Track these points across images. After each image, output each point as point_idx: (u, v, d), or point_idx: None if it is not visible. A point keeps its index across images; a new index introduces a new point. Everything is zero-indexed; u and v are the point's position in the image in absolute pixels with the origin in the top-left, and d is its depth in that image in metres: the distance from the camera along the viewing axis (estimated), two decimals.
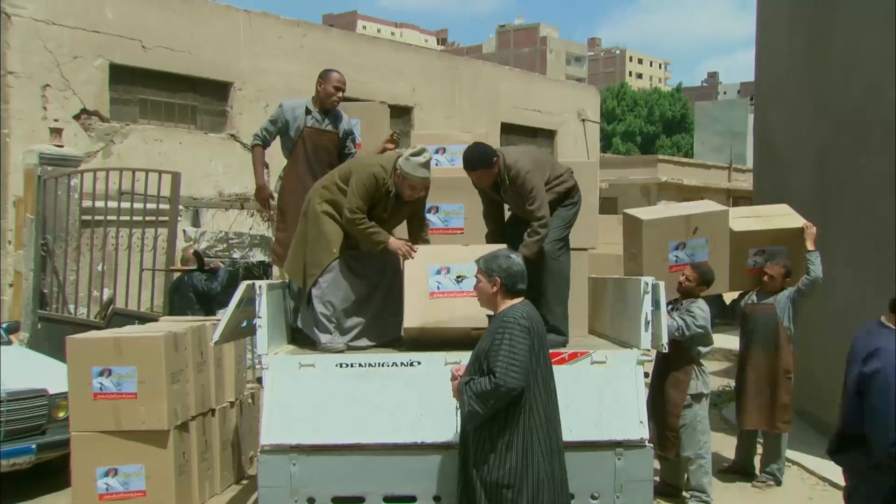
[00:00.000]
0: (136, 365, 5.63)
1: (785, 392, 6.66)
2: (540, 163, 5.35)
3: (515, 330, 3.86)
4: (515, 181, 5.18)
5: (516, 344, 3.84)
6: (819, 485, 6.83)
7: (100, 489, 5.66)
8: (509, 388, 3.79)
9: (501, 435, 3.90)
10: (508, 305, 4.04)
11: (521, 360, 3.82)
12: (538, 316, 4.11)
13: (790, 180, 9.32)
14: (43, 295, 9.00)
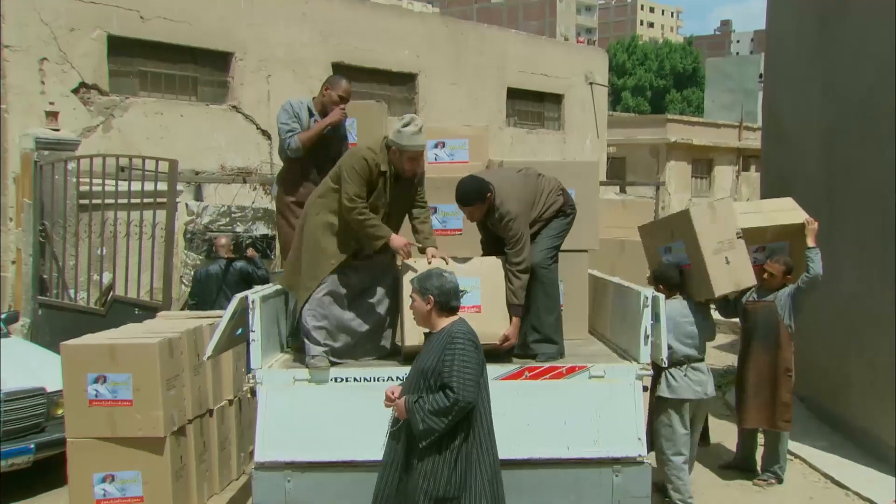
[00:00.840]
0: (131, 372, 5.57)
1: (785, 390, 6.57)
2: (527, 201, 5.23)
3: (466, 345, 3.93)
4: (500, 222, 5.13)
5: (468, 358, 3.90)
6: (821, 482, 6.80)
7: (97, 495, 5.65)
8: (467, 401, 3.85)
9: (450, 448, 3.94)
10: (448, 322, 4.06)
11: (473, 374, 3.90)
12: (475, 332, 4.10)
13: (797, 163, 9.14)
14: (42, 280, 8.96)
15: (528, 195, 5.26)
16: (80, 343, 5.74)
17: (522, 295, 5.10)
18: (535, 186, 5.34)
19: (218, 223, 13.17)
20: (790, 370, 6.59)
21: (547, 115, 19.73)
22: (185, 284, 12.59)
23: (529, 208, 5.22)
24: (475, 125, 6.86)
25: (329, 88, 5.66)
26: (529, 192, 5.28)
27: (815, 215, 8.46)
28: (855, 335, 7.66)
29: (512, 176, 5.34)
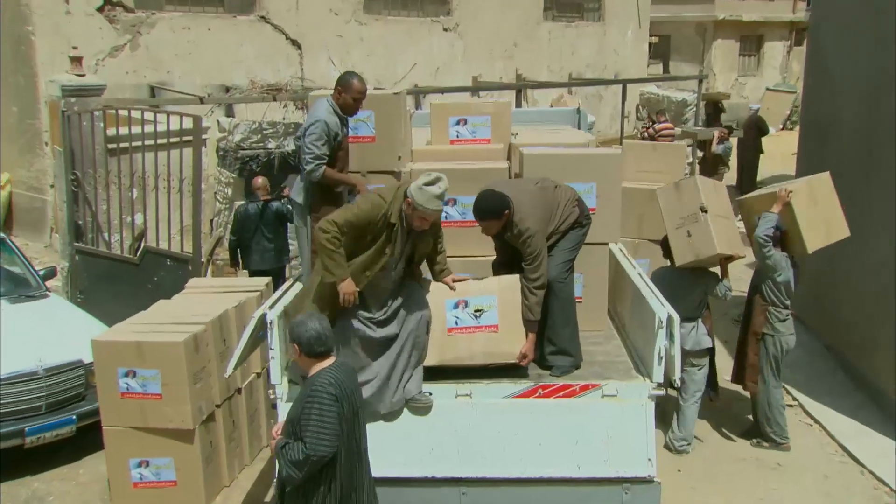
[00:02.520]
0: (159, 368, 5.76)
1: (752, 352, 6.88)
2: (545, 217, 5.16)
3: (324, 398, 3.98)
4: (519, 239, 5.06)
5: (325, 412, 3.96)
6: (837, 454, 6.91)
7: (133, 478, 5.97)
8: (320, 456, 3.97)
9: (315, 495, 4.11)
10: (318, 369, 4.13)
11: (330, 428, 3.97)
12: (348, 376, 4.17)
13: (838, 109, 8.78)
14: (78, 226, 9.11)
15: (546, 211, 5.18)
16: (109, 339, 5.92)
17: (538, 311, 5.11)
18: (552, 200, 5.25)
19: (250, 140, 13.10)
20: (758, 334, 6.82)
21: (587, 5, 18.95)
22: (219, 208, 12.74)
23: (546, 224, 5.16)
24: (498, 100, 6.66)
25: (343, 91, 5.49)
26: (547, 206, 5.20)
27: (850, 166, 8.26)
28: (885, 298, 7.54)
29: (530, 190, 5.23)
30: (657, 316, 4.97)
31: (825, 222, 6.75)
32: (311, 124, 5.40)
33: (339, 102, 5.52)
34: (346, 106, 5.52)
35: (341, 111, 5.54)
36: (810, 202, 6.76)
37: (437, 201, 4.84)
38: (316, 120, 5.39)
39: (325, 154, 5.41)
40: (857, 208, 8.13)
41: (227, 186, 13.04)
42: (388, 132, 5.95)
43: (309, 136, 5.39)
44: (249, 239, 9.36)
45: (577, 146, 6.33)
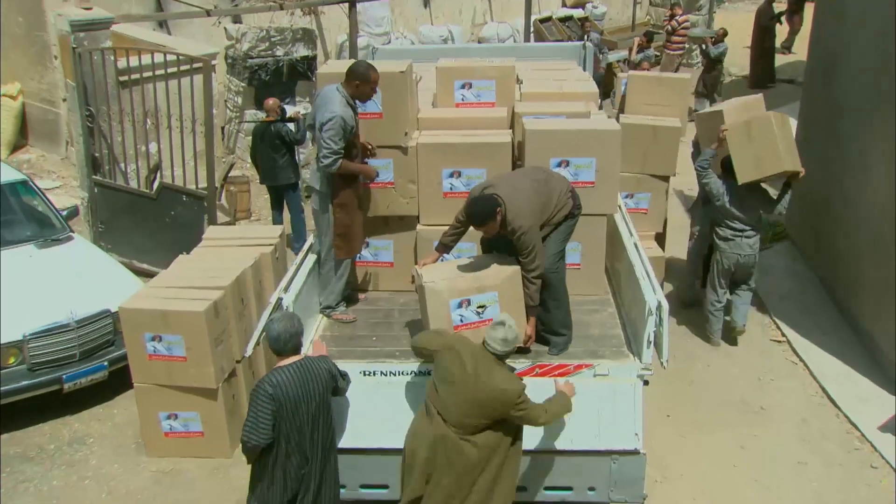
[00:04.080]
0: (182, 334, 6.18)
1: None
2: (538, 211, 5.34)
3: (260, 395, 4.53)
4: (513, 235, 5.27)
5: (259, 408, 4.52)
6: (817, 396, 7.37)
7: (164, 429, 6.52)
8: (250, 445, 4.59)
9: (262, 475, 4.71)
10: (277, 365, 4.68)
11: (260, 422, 4.52)
12: (299, 378, 4.62)
13: (849, 39, 8.74)
14: (95, 159, 9.36)
15: (539, 205, 5.36)
16: (136, 307, 6.30)
17: (538, 297, 5.41)
18: (545, 193, 5.41)
19: (258, 49, 13.13)
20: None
21: None
22: (230, 116, 12.89)
23: (540, 217, 5.36)
24: (503, 64, 6.75)
25: (360, 84, 5.61)
26: (540, 200, 5.37)
27: (854, 104, 8.33)
28: (877, 240, 7.78)
29: (523, 186, 5.37)
30: (647, 304, 5.29)
31: (757, 158, 7.47)
32: (329, 120, 5.53)
33: (355, 92, 5.66)
34: (363, 95, 5.68)
35: (358, 100, 5.70)
36: (745, 140, 7.56)
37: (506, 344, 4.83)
38: (333, 116, 5.53)
39: (343, 149, 5.62)
40: (859, 145, 8.30)
41: (237, 95, 13.19)
42: (395, 108, 6.10)
43: (327, 131, 5.54)
44: (259, 156, 9.98)
45: (578, 116, 6.46)
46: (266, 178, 10.03)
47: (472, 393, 4.68)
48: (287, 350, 4.72)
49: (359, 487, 5.52)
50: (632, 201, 8.67)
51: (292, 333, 4.71)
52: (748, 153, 7.55)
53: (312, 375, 4.71)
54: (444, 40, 15.04)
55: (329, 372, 4.83)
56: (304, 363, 4.72)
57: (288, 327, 4.71)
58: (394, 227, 6.48)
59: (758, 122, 7.58)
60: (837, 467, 6.43)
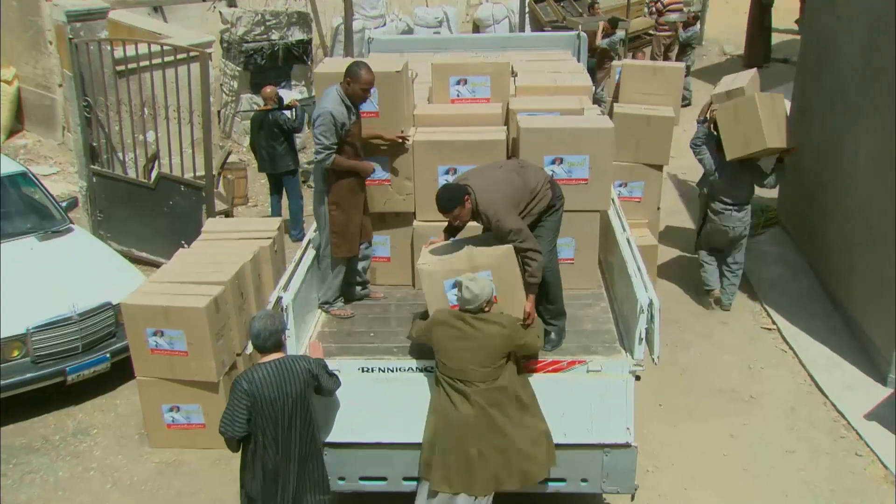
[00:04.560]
0: (184, 329, 6.30)
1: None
2: (513, 196, 5.38)
3: (237, 389, 4.74)
4: (491, 223, 5.35)
5: (234, 401, 4.73)
6: (805, 384, 7.52)
7: (166, 421, 6.66)
8: (227, 436, 4.82)
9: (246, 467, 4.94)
10: (257, 363, 4.85)
11: (235, 415, 4.73)
12: (277, 376, 4.78)
13: (839, 32, 8.80)
14: (93, 149, 9.42)
15: (511, 191, 5.40)
16: (137, 303, 6.41)
17: (540, 273, 5.44)
18: (520, 182, 5.46)
19: (253, 33, 13.15)
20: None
21: None
22: (226, 100, 12.92)
23: (514, 203, 5.39)
24: (496, 60, 6.82)
25: (352, 82, 5.68)
26: (513, 187, 5.42)
27: (847, 92, 8.42)
28: (865, 231, 7.90)
29: (494, 175, 5.45)
30: (639, 302, 5.42)
31: (744, 136, 8.01)
32: (319, 116, 5.63)
33: (347, 92, 5.72)
34: (354, 95, 5.71)
35: (350, 100, 5.75)
36: (732, 119, 8.08)
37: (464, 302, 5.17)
38: (322, 112, 5.62)
39: (334, 143, 5.69)
40: (850, 138, 8.40)
41: (232, 79, 13.22)
42: (391, 108, 6.19)
43: (318, 127, 5.65)
44: (257, 144, 10.13)
45: (572, 113, 6.54)
46: (265, 166, 10.13)
47: (478, 342, 5.06)
48: (267, 347, 4.86)
49: (358, 479, 5.66)
50: (625, 190, 8.77)
51: (272, 331, 4.84)
52: (736, 131, 8.07)
53: (291, 374, 4.84)
54: (439, 22, 15.05)
55: (308, 371, 4.93)
56: (283, 361, 4.86)
57: (268, 325, 4.84)
58: (390, 223, 6.58)
59: (744, 102, 8.02)
60: (824, 455, 6.60)
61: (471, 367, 5.07)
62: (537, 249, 5.44)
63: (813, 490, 6.24)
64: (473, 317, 5.10)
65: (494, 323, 5.10)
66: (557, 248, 6.24)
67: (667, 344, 7.60)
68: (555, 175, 6.15)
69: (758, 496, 6.17)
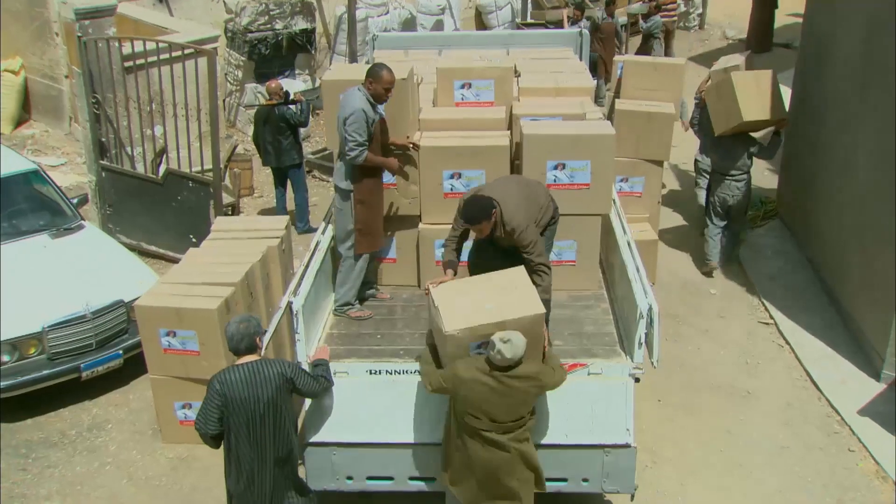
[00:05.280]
0: (196, 330, 6.48)
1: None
2: (531, 211, 5.63)
3: (210, 388, 4.96)
4: (513, 235, 5.54)
5: (207, 399, 4.97)
6: (801, 380, 7.70)
7: (179, 417, 6.86)
8: (200, 432, 5.06)
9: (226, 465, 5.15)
10: (231, 365, 5.02)
11: (207, 412, 4.98)
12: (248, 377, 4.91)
13: (839, 34, 8.89)
14: (102, 144, 9.56)
15: (530, 205, 5.67)
16: (151, 305, 6.58)
17: (551, 289, 5.67)
18: (532, 197, 5.72)
19: (257, 23, 13.24)
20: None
21: None
22: (231, 89, 13.02)
23: (533, 218, 5.64)
24: (501, 65, 6.94)
25: (374, 83, 5.86)
26: (529, 203, 5.68)
27: (845, 91, 8.55)
28: (861, 228, 8.05)
29: (512, 190, 5.69)
30: (639, 308, 5.59)
31: (726, 113, 8.81)
32: (351, 114, 5.83)
33: (370, 90, 5.92)
34: (377, 95, 5.94)
35: (373, 100, 5.95)
36: (715, 98, 8.94)
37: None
38: (353, 110, 5.84)
39: (367, 140, 5.92)
40: (847, 136, 8.52)
41: (237, 69, 13.31)
42: (398, 113, 6.35)
43: (350, 125, 5.85)
44: (262, 139, 10.21)
45: (574, 118, 6.68)
46: (270, 160, 10.25)
47: (512, 399, 5.01)
48: (240, 350, 5.03)
49: (365, 479, 5.86)
50: (626, 185, 8.93)
51: (244, 335, 5.00)
52: (719, 109, 8.92)
53: (262, 377, 4.98)
54: (441, 9, 15.08)
55: (282, 375, 5.03)
56: (256, 364, 5.00)
57: (241, 329, 5.00)
58: (396, 226, 6.75)
59: (723, 83, 8.86)
60: (817, 451, 6.80)
61: (503, 420, 5.05)
62: (548, 265, 5.65)
63: (806, 485, 6.44)
64: (504, 374, 4.95)
65: (527, 378, 5.01)
66: (560, 250, 6.49)
67: (666, 338, 7.81)
68: (557, 180, 6.35)
69: (752, 492, 6.37)
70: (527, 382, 5.02)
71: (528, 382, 5.03)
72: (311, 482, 5.79)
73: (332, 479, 5.83)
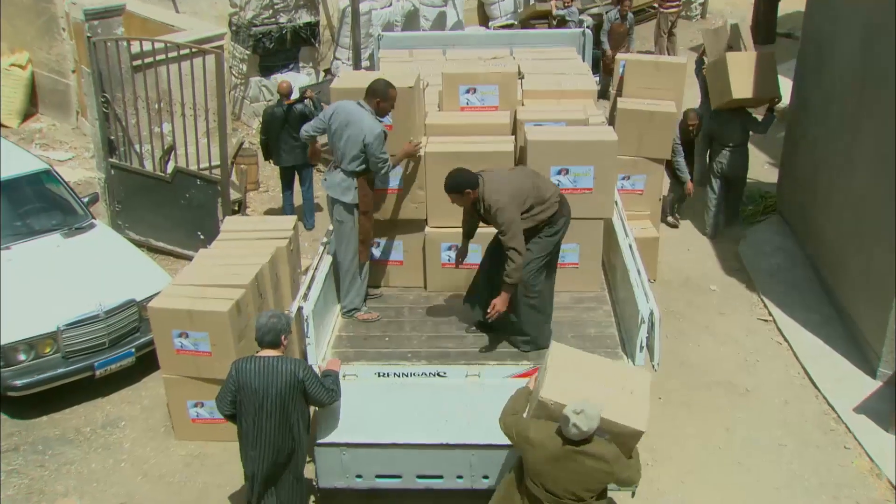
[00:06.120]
0: (207, 331, 6.63)
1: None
2: (519, 195, 5.76)
3: (228, 373, 5.35)
4: (490, 212, 5.73)
5: (226, 382, 5.37)
6: (798, 377, 7.86)
7: (191, 416, 7.04)
8: (217, 408, 5.47)
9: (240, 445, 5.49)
10: (254, 355, 5.33)
11: (225, 394, 5.38)
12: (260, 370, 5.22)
13: (839, 32, 9.00)
14: (111, 142, 9.68)
15: (518, 189, 5.80)
16: (164, 307, 6.73)
17: (517, 276, 5.79)
18: (530, 184, 5.87)
19: (262, 17, 13.32)
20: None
21: None
22: (235, 83, 13.11)
23: (518, 200, 5.77)
24: (505, 70, 7.07)
25: (382, 101, 6.10)
26: (522, 187, 5.83)
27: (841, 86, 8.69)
28: (859, 226, 8.18)
29: (508, 174, 5.94)
30: (640, 313, 5.74)
31: (720, 90, 9.80)
32: (375, 138, 6.07)
33: (376, 108, 6.13)
34: (382, 111, 6.17)
35: (378, 114, 6.17)
36: (713, 76, 9.98)
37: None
38: (375, 134, 6.07)
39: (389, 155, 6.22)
40: (847, 136, 8.64)
41: (241, 62, 13.40)
42: (405, 121, 6.50)
43: (376, 148, 6.10)
44: (276, 138, 10.16)
45: (578, 123, 6.81)
46: (287, 159, 10.20)
47: (576, 475, 4.71)
48: (264, 342, 5.31)
49: (374, 477, 6.04)
50: (628, 183, 9.06)
51: (270, 328, 5.28)
52: (715, 86, 9.90)
53: (275, 372, 5.23)
54: (444, 1, 15.13)
55: (293, 374, 5.24)
56: (273, 360, 5.26)
57: (270, 323, 5.29)
58: (403, 229, 6.91)
59: (719, 61, 9.83)
60: (814, 449, 6.97)
61: (558, 494, 4.77)
62: (520, 250, 5.74)
63: (802, 483, 6.62)
64: (574, 447, 4.66)
65: (596, 458, 4.66)
66: (563, 253, 6.60)
67: (666, 336, 7.93)
68: (561, 184, 6.48)
69: (750, 490, 6.55)
70: (595, 462, 4.67)
71: (597, 463, 4.67)
72: (321, 480, 6.00)
73: (342, 478, 6.00)
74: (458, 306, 6.65)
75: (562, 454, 4.67)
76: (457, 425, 5.87)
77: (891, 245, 7.39)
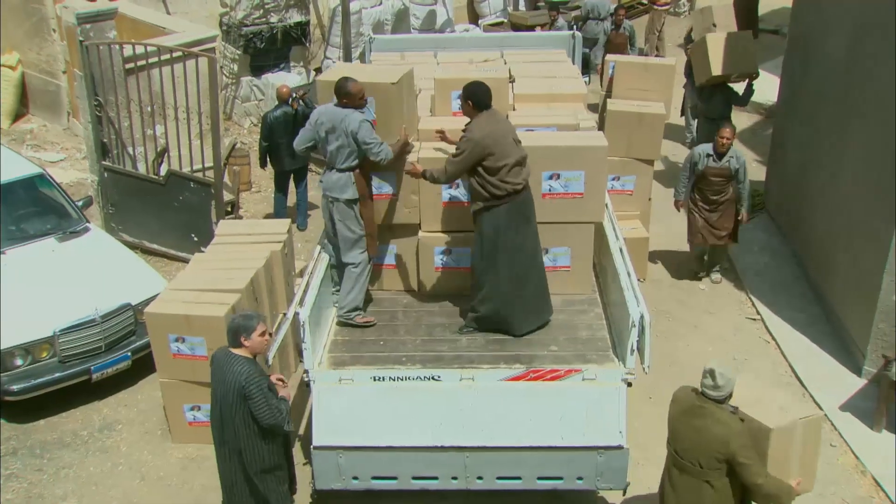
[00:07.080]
0: (204, 336, 6.71)
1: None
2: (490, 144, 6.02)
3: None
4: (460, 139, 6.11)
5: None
6: (786, 375, 8.00)
7: (188, 419, 7.12)
8: None
9: None
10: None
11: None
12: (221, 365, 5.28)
13: (826, 32, 9.11)
14: (104, 145, 9.72)
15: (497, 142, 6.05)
16: (160, 312, 6.81)
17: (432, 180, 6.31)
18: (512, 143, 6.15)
19: (252, 17, 13.36)
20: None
21: None
22: (226, 82, 13.14)
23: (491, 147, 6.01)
24: (496, 76, 7.15)
25: (347, 100, 6.23)
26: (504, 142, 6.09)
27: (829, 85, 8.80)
28: (847, 227, 8.30)
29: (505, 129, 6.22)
30: (631, 317, 5.85)
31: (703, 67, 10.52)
32: (359, 127, 6.18)
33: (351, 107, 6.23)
34: (359, 107, 6.28)
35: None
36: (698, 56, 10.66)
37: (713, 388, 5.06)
38: (361, 119, 6.20)
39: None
40: (837, 130, 8.75)
41: (232, 62, 13.45)
42: (388, 117, 6.57)
43: (365, 134, 6.21)
44: (280, 143, 10.09)
45: (568, 128, 6.91)
46: (291, 162, 10.23)
47: (701, 431, 4.94)
48: (228, 341, 5.36)
49: (370, 479, 6.14)
50: (618, 183, 9.17)
51: (230, 329, 5.32)
52: (698, 64, 10.68)
53: (229, 371, 5.25)
54: (434, 0, 15.21)
55: (237, 380, 5.19)
56: (233, 357, 5.28)
57: (231, 324, 5.34)
58: (397, 233, 6.98)
59: (700, 42, 10.67)
60: None
61: (682, 455, 5.07)
62: (446, 180, 6.32)
63: None
64: (704, 404, 4.95)
65: (722, 423, 4.88)
66: (555, 256, 6.73)
67: (656, 335, 7.96)
68: (552, 189, 6.60)
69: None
70: (717, 427, 4.87)
71: (718, 427, 4.87)
72: (318, 482, 6.11)
73: (339, 480, 6.10)
74: (452, 310, 6.76)
75: (690, 408, 5.01)
76: (451, 428, 5.97)
77: (876, 244, 7.53)
